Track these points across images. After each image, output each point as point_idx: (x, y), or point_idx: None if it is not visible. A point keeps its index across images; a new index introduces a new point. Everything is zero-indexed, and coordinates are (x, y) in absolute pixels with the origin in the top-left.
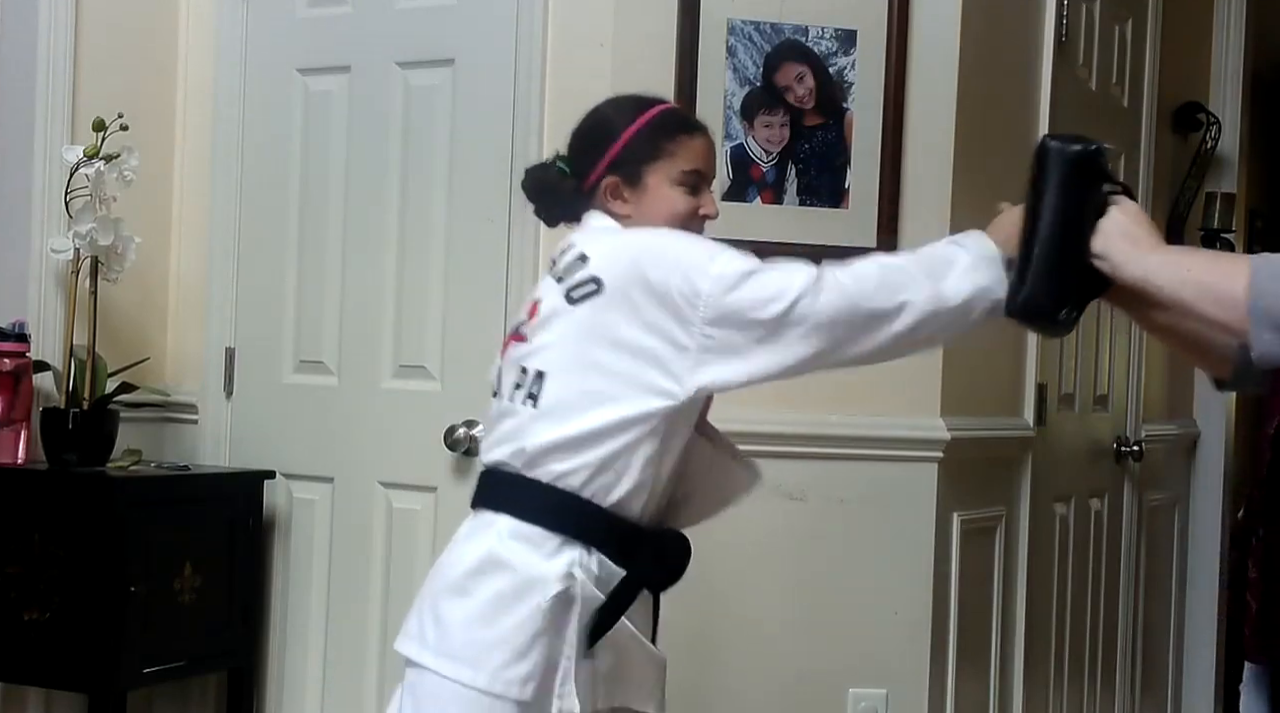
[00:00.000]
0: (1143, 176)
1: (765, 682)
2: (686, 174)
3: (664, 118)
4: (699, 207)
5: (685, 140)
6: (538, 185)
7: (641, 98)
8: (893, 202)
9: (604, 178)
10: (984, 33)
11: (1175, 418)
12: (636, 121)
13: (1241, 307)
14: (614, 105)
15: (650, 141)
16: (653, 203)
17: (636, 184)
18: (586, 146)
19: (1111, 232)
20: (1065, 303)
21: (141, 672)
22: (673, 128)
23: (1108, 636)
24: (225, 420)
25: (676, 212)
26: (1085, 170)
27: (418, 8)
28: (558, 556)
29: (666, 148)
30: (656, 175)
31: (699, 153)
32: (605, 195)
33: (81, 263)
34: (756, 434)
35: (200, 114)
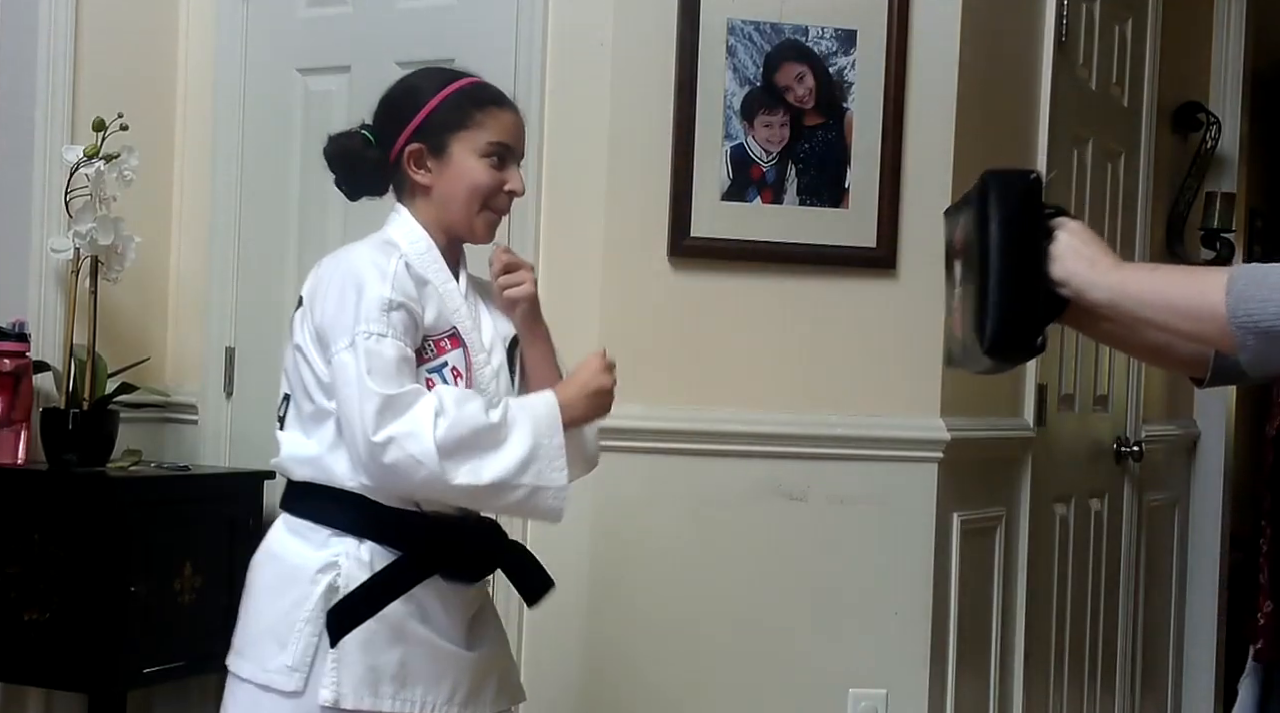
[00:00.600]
0: (1143, 177)
1: (765, 682)
2: (492, 146)
3: (475, 88)
4: (504, 181)
5: (494, 112)
6: (340, 153)
7: (454, 70)
8: (893, 202)
9: (408, 145)
10: (984, 33)
11: (1175, 418)
12: (445, 89)
13: (1220, 319)
14: (424, 74)
15: (457, 109)
16: (455, 174)
17: (441, 154)
18: (392, 113)
19: (1067, 255)
20: (1037, 331)
21: (141, 672)
22: (483, 99)
23: (1108, 636)
24: (225, 420)
25: (479, 183)
26: (1029, 200)
27: (418, 8)
28: (325, 546)
29: (474, 117)
30: (461, 145)
31: (508, 127)
32: (409, 163)
33: (81, 263)
34: (757, 434)
35: (200, 114)
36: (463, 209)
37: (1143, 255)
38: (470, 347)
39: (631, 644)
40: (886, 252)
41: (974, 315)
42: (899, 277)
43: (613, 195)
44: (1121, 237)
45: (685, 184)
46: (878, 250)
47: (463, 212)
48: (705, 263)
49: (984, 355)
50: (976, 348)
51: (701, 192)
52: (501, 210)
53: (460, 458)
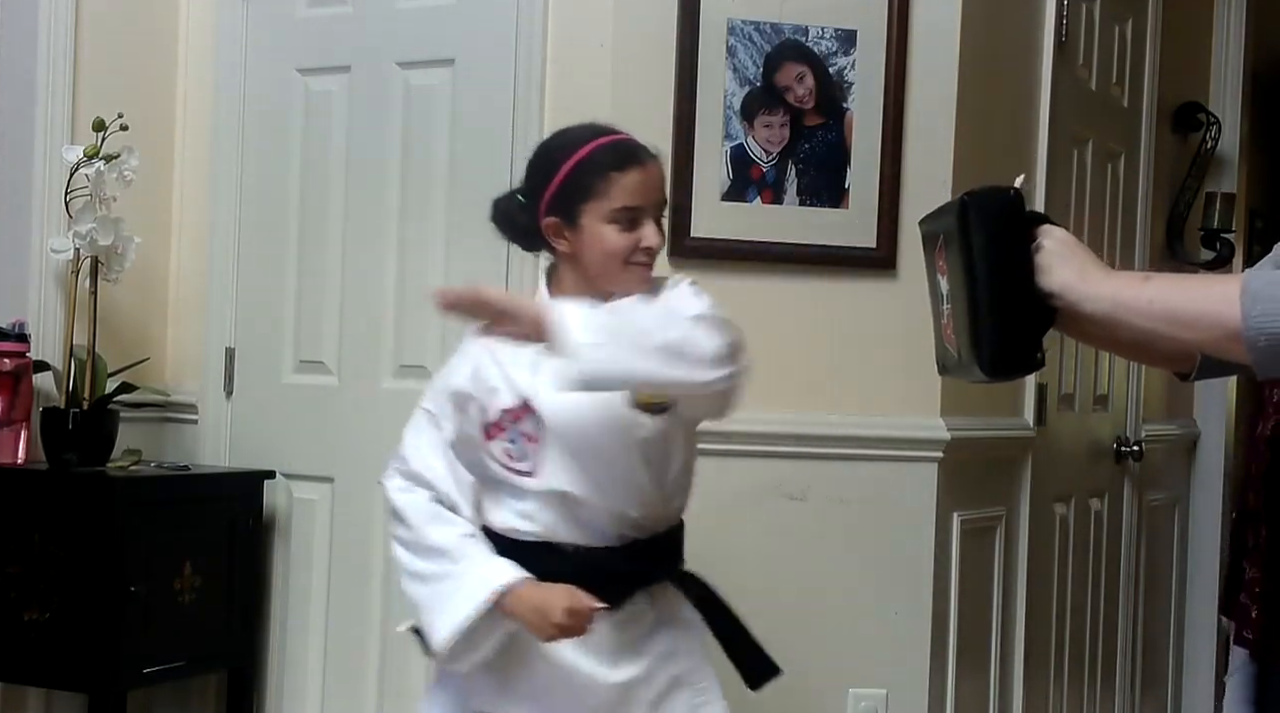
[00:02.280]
0: (1143, 177)
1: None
2: (617, 212)
3: (594, 155)
4: (638, 241)
5: (615, 178)
6: (502, 218)
7: (580, 132)
8: (893, 202)
9: (546, 218)
10: (984, 33)
11: (1175, 418)
12: (568, 162)
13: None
14: (558, 139)
15: (580, 182)
16: (589, 242)
17: (573, 224)
18: (533, 183)
19: (1055, 266)
20: (1035, 346)
21: (141, 672)
22: (602, 166)
23: (1108, 636)
24: (225, 420)
25: (611, 250)
26: (1010, 218)
27: (418, 8)
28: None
29: (597, 187)
30: (590, 215)
31: (631, 188)
32: (549, 234)
33: (81, 263)
34: (757, 434)
35: (200, 114)
36: (606, 272)
37: (1143, 255)
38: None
39: None
40: (886, 252)
41: (969, 336)
42: (899, 277)
43: None
44: (1121, 237)
45: (685, 184)
46: (878, 250)
47: (604, 275)
48: (705, 263)
49: (986, 376)
50: (975, 367)
51: (701, 192)
52: (644, 264)
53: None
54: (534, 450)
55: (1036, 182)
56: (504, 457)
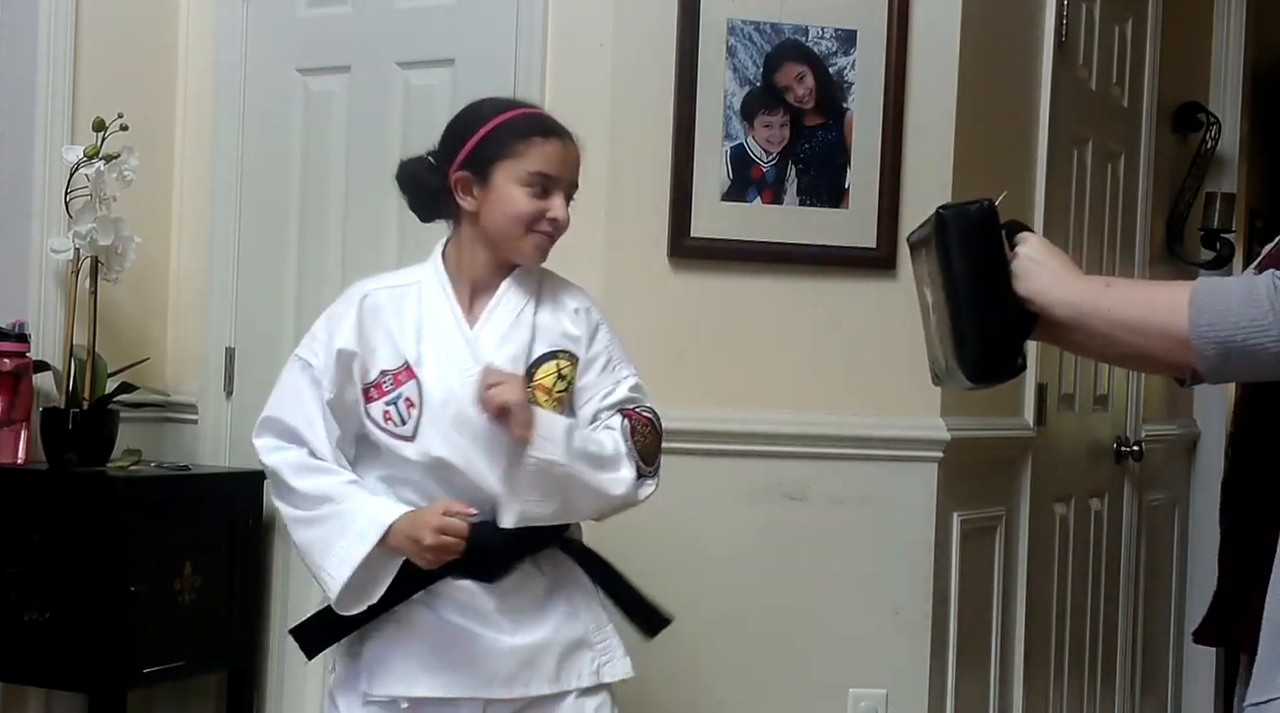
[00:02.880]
0: (1143, 177)
1: (765, 682)
2: (533, 175)
3: (523, 119)
4: (544, 210)
5: (538, 142)
6: (405, 177)
7: (512, 100)
8: (893, 202)
9: (457, 172)
10: (984, 33)
11: (1175, 418)
12: (494, 119)
13: (1180, 332)
14: (482, 104)
15: (503, 140)
16: (496, 201)
17: (485, 182)
18: (449, 140)
19: (1029, 271)
20: (1015, 352)
21: (141, 672)
22: (528, 129)
23: (1108, 636)
24: (225, 420)
25: (518, 211)
26: (983, 227)
27: (418, 8)
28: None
29: (516, 147)
30: (503, 174)
31: (549, 156)
32: (457, 188)
33: (81, 263)
34: (757, 434)
35: (200, 114)
36: (504, 234)
37: (1143, 255)
38: (434, 374)
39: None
40: (886, 252)
41: (951, 344)
42: (899, 277)
43: (613, 195)
44: (1121, 237)
45: (685, 184)
46: (878, 250)
47: (505, 237)
48: (705, 263)
49: (969, 382)
50: (960, 374)
51: (701, 192)
52: (546, 234)
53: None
54: (412, 416)
55: (1037, 182)
56: (382, 419)
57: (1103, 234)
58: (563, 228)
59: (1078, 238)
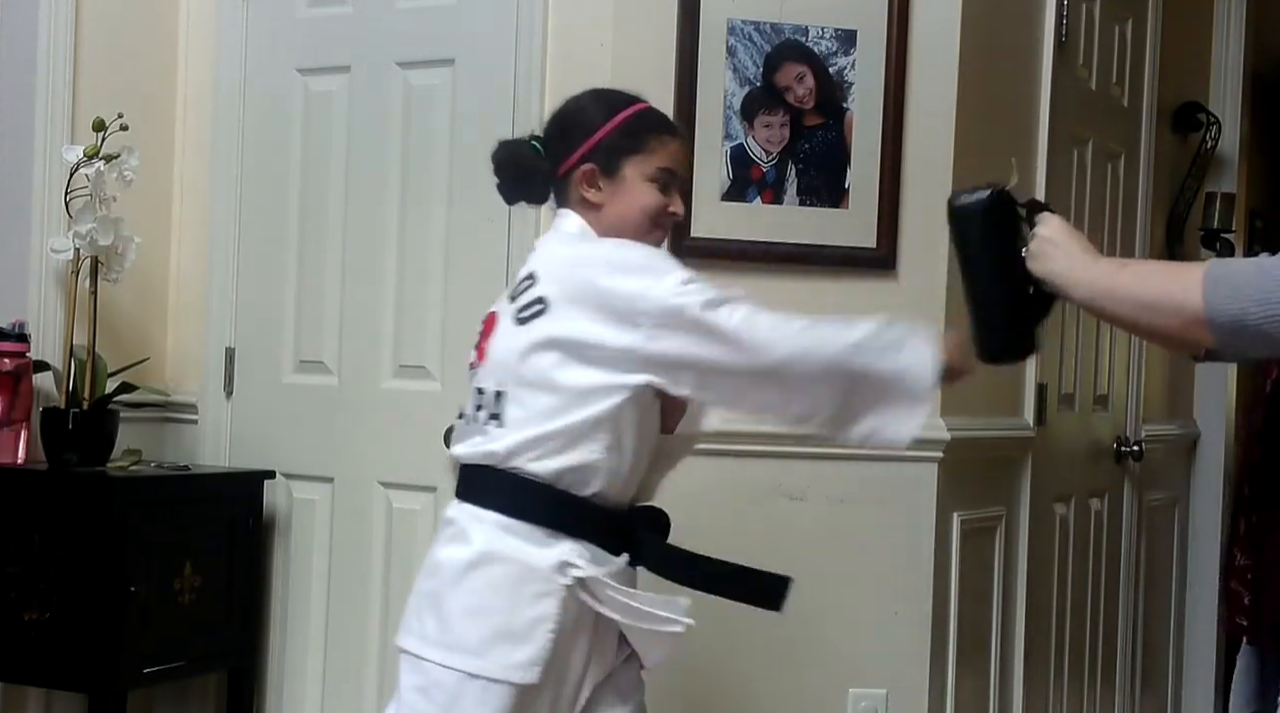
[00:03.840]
0: (1143, 177)
1: (765, 682)
2: (661, 172)
3: (648, 114)
4: (668, 204)
5: (666, 139)
6: (510, 160)
7: (625, 93)
8: (893, 202)
9: (581, 164)
10: (984, 33)
11: (1175, 418)
12: (621, 113)
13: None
14: (597, 96)
15: (632, 135)
16: (626, 194)
17: (613, 174)
18: (565, 132)
19: (1046, 252)
20: (1029, 334)
21: (141, 672)
22: (656, 125)
23: (1108, 635)
24: (225, 420)
25: (647, 205)
26: (996, 213)
27: (418, 8)
28: (550, 546)
29: (648, 143)
30: (633, 168)
31: (676, 154)
32: (580, 181)
33: (81, 263)
34: (757, 434)
35: (200, 114)
36: (634, 228)
37: (1143, 255)
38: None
39: None
40: (886, 251)
41: (972, 326)
42: (899, 277)
43: None
44: (1121, 237)
45: (685, 184)
46: (878, 250)
47: (634, 231)
48: (705, 263)
49: (985, 360)
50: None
51: (701, 192)
52: (666, 229)
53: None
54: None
55: (1037, 182)
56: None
57: (1103, 234)
58: (678, 220)
59: None
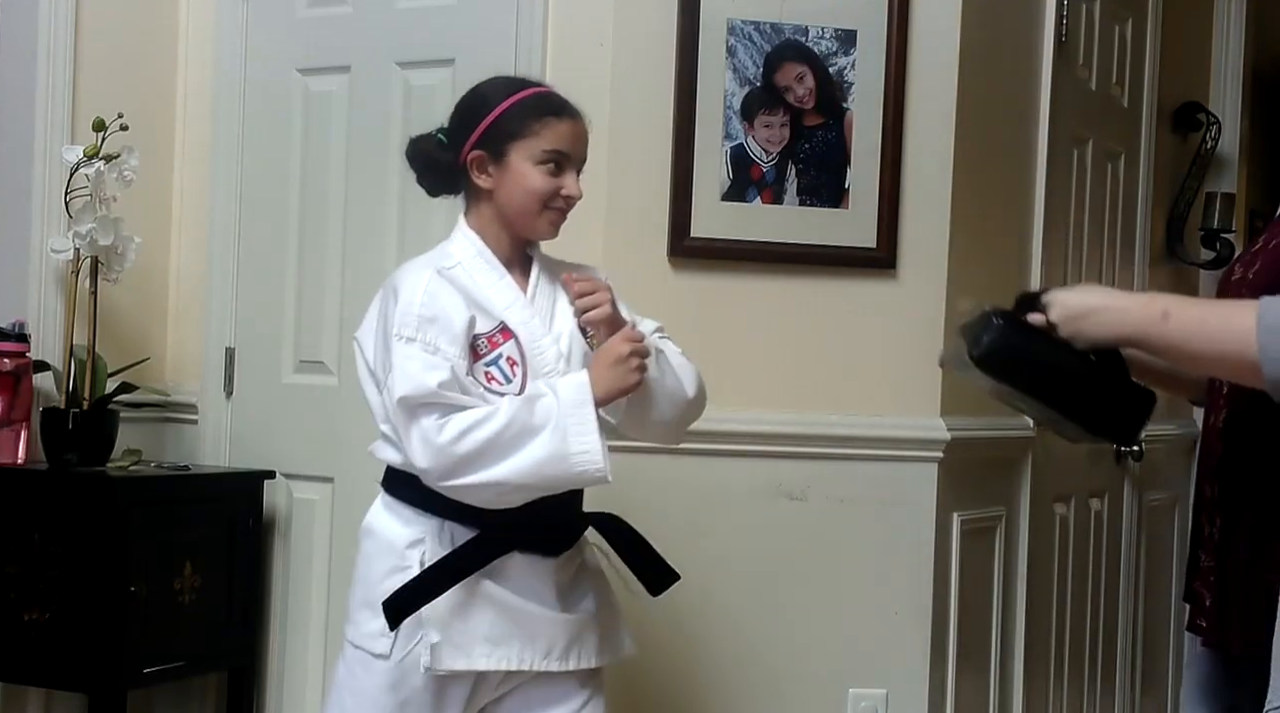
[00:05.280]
0: (1143, 177)
1: (765, 682)
2: (548, 153)
3: (536, 98)
4: (559, 187)
5: (553, 122)
6: (418, 154)
7: (522, 79)
8: (893, 202)
9: (472, 152)
10: (984, 33)
11: (1175, 418)
12: (508, 99)
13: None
14: (493, 83)
15: (517, 119)
16: (513, 179)
17: (500, 160)
18: (462, 120)
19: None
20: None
21: (141, 672)
22: (542, 109)
23: (1108, 636)
24: (225, 420)
25: (534, 189)
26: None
27: (418, 8)
28: (412, 524)
29: (532, 127)
30: (519, 153)
31: (565, 135)
32: (472, 167)
33: (81, 263)
34: (757, 434)
35: (200, 114)
36: (521, 212)
37: (1143, 255)
38: (526, 336)
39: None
40: (886, 252)
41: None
42: (899, 277)
43: (613, 195)
44: (1121, 237)
45: (685, 184)
46: (878, 250)
47: (521, 214)
48: (705, 263)
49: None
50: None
51: (701, 192)
52: (561, 211)
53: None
54: (517, 373)
55: (1037, 182)
56: (485, 381)
57: (1103, 234)
58: (575, 202)
59: (1078, 238)
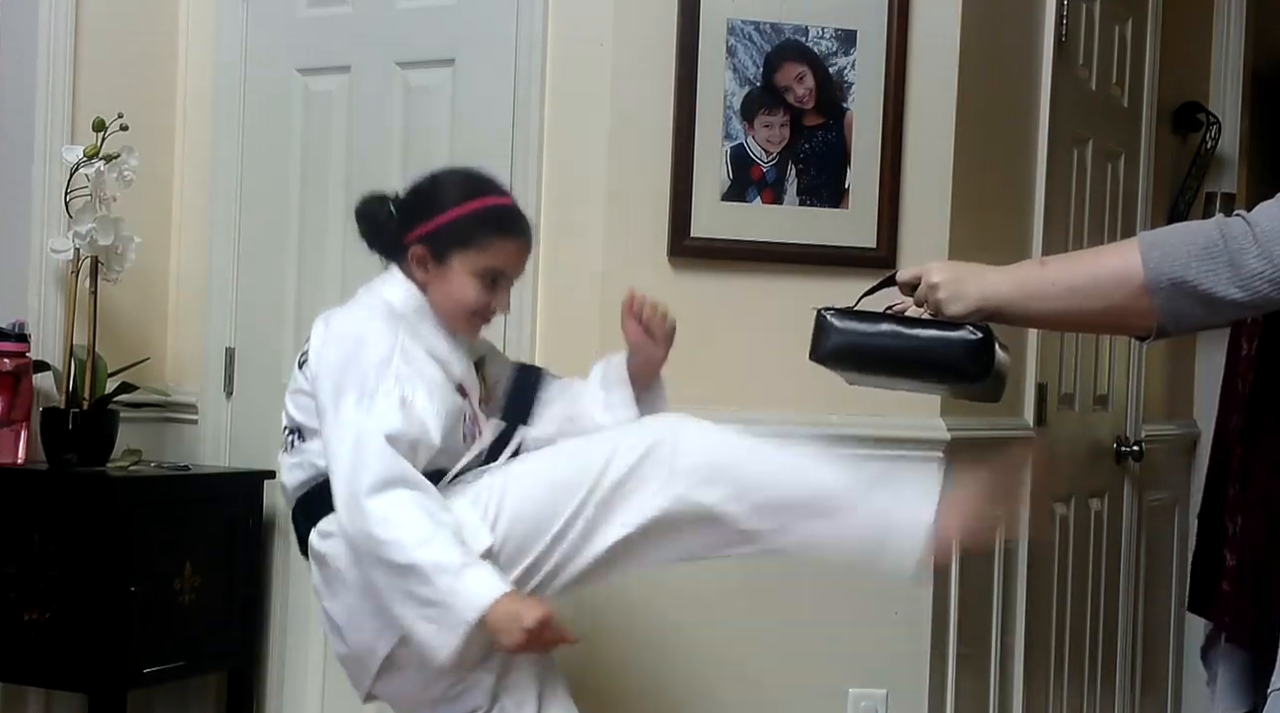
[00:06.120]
0: (1143, 177)
1: (766, 682)
2: (489, 270)
3: (490, 212)
4: (490, 302)
5: (501, 241)
6: (367, 217)
7: (480, 182)
8: (893, 202)
9: (414, 245)
10: (984, 33)
11: (1175, 418)
12: (465, 205)
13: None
14: (454, 179)
15: (466, 230)
16: (449, 284)
17: (441, 262)
18: (415, 208)
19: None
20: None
21: (141, 672)
22: (492, 225)
23: (1108, 635)
24: (225, 420)
25: (467, 300)
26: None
27: (418, 8)
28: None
29: (479, 240)
30: (462, 262)
31: (510, 255)
32: (411, 260)
33: (81, 263)
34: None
35: (200, 114)
36: (450, 316)
37: None
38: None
39: (630, 644)
40: (886, 252)
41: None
42: None
43: (613, 195)
44: (1121, 237)
45: (685, 184)
46: (878, 250)
47: (447, 317)
48: (705, 263)
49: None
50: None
51: (701, 192)
52: (487, 321)
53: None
54: (476, 431)
55: (1037, 182)
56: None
57: (1103, 234)
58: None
59: (1078, 238)
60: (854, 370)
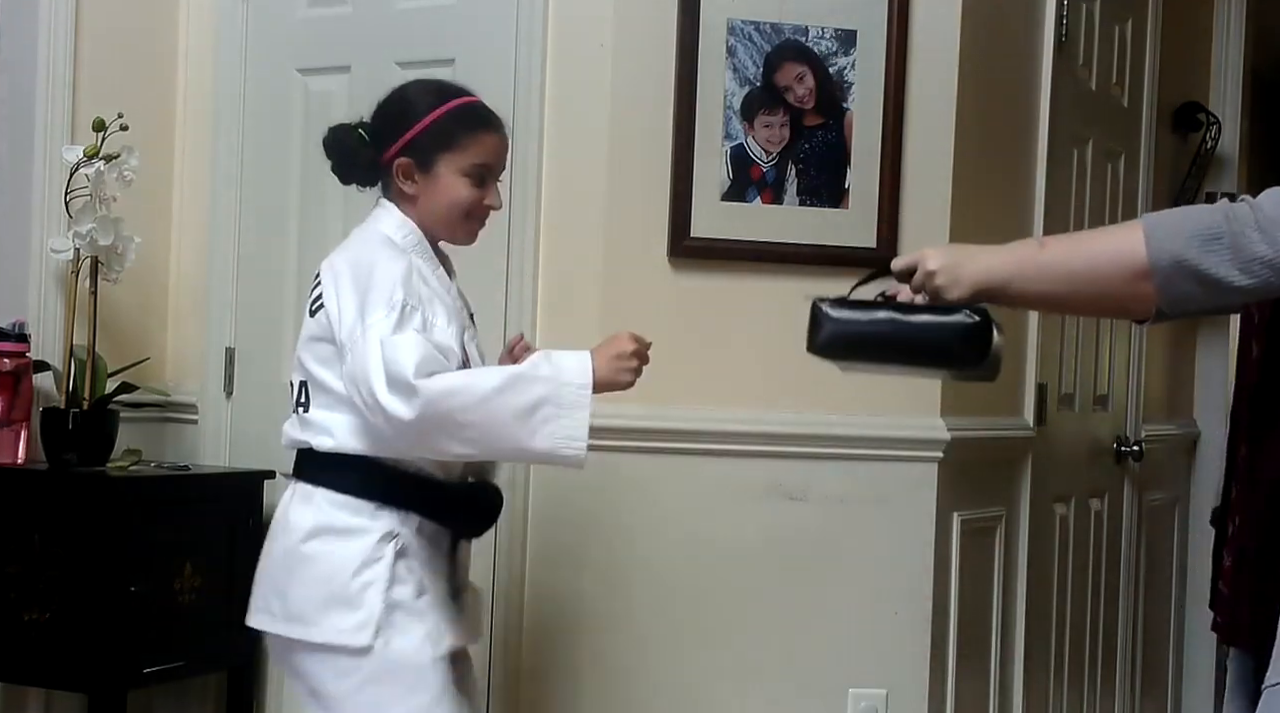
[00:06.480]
0: (1143, 177)
1: (765, 682)
2: (475, 167)
3: (464, 110)
4: (483, 197)
5: (481, 135)
6: (337, 146)
7: (446, 86)
8: (893, 202)
9: (398, 158)
10: (984, 33)
11: (1175, 418)
12: (437, 109)
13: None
14: (420, 89)
15: (446, 131)
16: (439, 189)
17: (427, 170)
18: (387, 124)
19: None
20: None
21: (141, 672)
22: (471, 122)
23: (1108, 635)
24: (225, 420)
25: (459, 200)
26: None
27: (418, 8)
28: (377, 517)
29: (461, 140)
30: (447, 164)
31: (491, 148)
32: (397, 174)
33: (81, 263)
34: (757, 434)
35: (200, 114)
36: (444, 220)
37: None
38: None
39: (631, 643)
40: (886, 252)
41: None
42: None
43: (613, 195)
44: None
45: (685, 184)
46: (878, 250)
47: (444, 222)
48: (705, 263)
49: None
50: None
51: (701, 192)
52: (482, 220)
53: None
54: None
55: (1037, 182)
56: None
57: None
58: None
59: None
60: (851, 359)
